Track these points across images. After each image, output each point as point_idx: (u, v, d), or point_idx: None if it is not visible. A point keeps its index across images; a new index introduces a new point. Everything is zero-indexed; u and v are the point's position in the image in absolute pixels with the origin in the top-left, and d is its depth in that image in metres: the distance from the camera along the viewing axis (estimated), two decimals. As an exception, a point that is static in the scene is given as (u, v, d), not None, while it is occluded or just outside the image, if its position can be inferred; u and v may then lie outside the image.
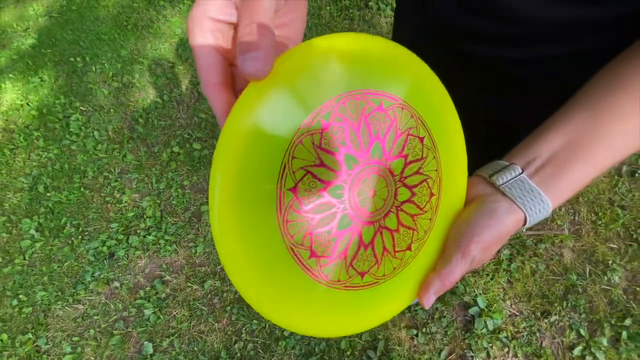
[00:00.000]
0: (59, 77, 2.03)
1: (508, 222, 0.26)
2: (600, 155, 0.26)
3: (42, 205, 1.55)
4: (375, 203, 0.24)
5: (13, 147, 1.79)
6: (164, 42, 2.03)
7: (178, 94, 1.79)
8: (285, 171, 0.22)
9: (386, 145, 0.24)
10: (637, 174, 1.24)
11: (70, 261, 1.39)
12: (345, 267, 0.24)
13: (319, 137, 0.22)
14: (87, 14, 2.33)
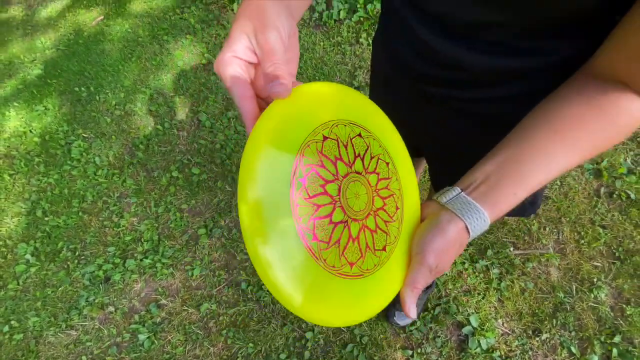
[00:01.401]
0: (63, 105, 2.10)
1: (451, 230, 0.31)
2: (523, 178, 0.32)
3: (39, 230, 1.56)
4: (359, 204, 0.30)
5: (13, 172, 1.82)
6: (166, 73, 2.13)
7: (178, 121, 1.87)
8: (298, 166, 0.28)
9: (364, 162, 0.32)
10: (615, 195, 1.31)
11: (65, 286, 1.38)
12: (338, 255, 0.29)
13: (320, 145, 0.29)
14: (93, 47, 2.46)
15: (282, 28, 0.29)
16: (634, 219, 1.25)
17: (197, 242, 1.43)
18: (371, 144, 0.33)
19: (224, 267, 1.36)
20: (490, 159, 0.34)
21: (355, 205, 0.30)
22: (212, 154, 1.69)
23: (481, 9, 0.34)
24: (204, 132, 1.78)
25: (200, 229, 1.46)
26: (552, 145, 0.32)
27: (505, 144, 0.34)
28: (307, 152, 0.28)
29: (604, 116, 0.32)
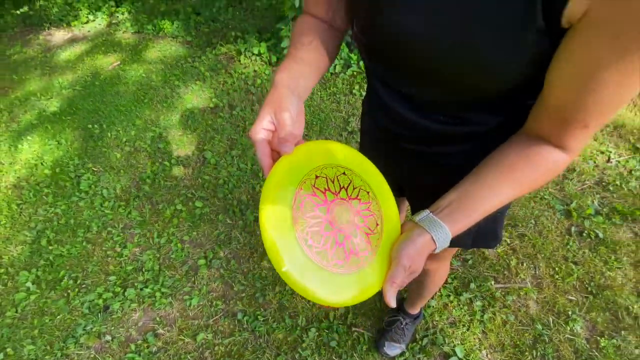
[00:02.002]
0: (76, 140, 2.24)
1: (421, 240, 0.42)
2: (475, 206, 0.44)
3: (42, 258, 1.61)
4: (343, 221, 0.43)
5: (21, 202, 1.90)
6: (176, 114, 2.31)
7: (185, 158, 2.01)
8: (297, 195, 0.41)
9: (348, 192, 0.45)
10: (584, 233, 1.44)
11: (63, 314, 1.41)
12: (327, 255, 0.40)
13: (313, 181, 0.43)
14: (108, 89, 2.66)
15: (292, 110, 0.44)
16: (603, 256, 1.37)
17: (196, 272, 1.49)
18: (353, 179, 0.46)
19: (221, 298, 1.41)
20: (453, 191, 0.46)
21: (340, 221, 0.43)
22: (215, 188, 1.81)
23: (432, 91, 0.49)
24: (208, 168, 1.91)
25: (200, 259, 1.53)
26: (495, 184, 0.45)
27: (464, 182, 0.47)
28: (304, 186, 0.42)
29: (530, 164, 0.45)
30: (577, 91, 0.36)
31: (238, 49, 2.70)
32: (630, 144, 1.76)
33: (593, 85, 0.35)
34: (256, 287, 1.42)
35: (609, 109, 0.37)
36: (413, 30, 0.41)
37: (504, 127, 0.50)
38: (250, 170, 1.88)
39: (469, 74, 0.41)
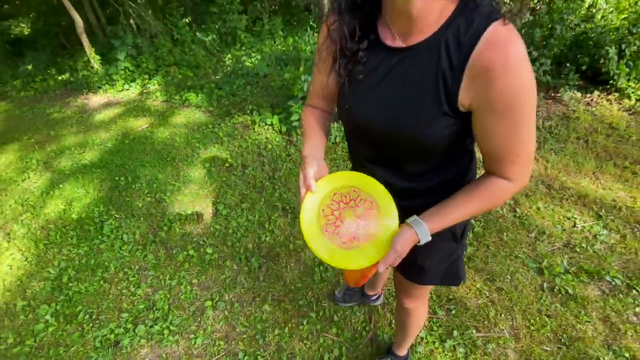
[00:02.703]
0: (102, 190, 2.50)
1: (408, 233, 0.63)
2: (446, 215, 0.66)
3: (62, 294, 1.74)
4: (351, 219, 0.67)
5: (47, 242, 2.09)
6: (195, 171, 2.61)
7: (200, 209, 2.24)
8: (320, 207, 0.67)
9: (356, 201, 0.68)
10: (556, 289, 1.59)
11: (77, 346, 1.50)
12: (339, 239, 0.64)
13: (331, 196, 0.68)
14: (136, 147, 3.02)
15: (314, 167, 0.69)
16: (573, 311, 1.50)
17: (202, 313, 1.62)
18: (361, 193, 0.69)
19: (224, 338, 1.52)
20: (435, 206, 0.68)
21: (348, 219, 0.67)
22: (224, 237, 2.01)
23: (387, 154, 0.73)
24: (220, 219, 2.14)
25: (207, 301, 1.66)
26: (462, 202, 0.67)
27: (444, 200, 0.68)
28: (324, 200, 0.68)
29: (485, 189, 0.66)
30: (496, 145, 0.60)
31: (253, 119, 3.13)
32: (594, 211, 2.01)
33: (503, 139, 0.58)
34: (257, 329, 1.54)
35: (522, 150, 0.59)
36: (369, 115, 0.67)
37: (447, 184, 0.74)
38: (257, 221, 2.10)
39: (409, 140, 0.65)
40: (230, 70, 4.49)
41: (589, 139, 2.67)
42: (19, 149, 3.31)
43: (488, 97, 0.54)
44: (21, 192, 2.61)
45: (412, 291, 1.01)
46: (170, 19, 5.48)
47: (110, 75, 4.60)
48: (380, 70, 0.64)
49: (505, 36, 0.53)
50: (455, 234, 0.84)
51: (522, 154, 0.59)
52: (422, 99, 0.60)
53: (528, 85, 0.53)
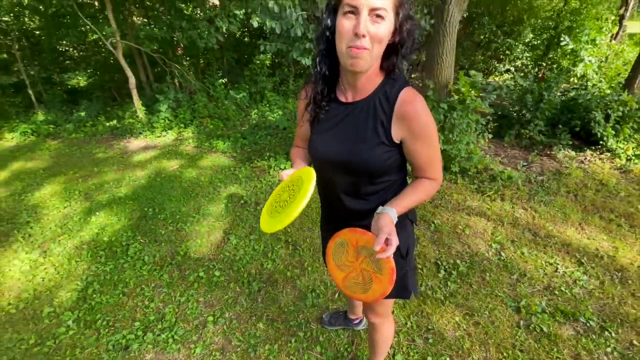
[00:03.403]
0: (132, 219, 2.86)
1: (385, 216, 0.83)
2: (402, 201, 0.89)
3: (86, 303, 1.99)
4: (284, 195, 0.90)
5: (79, 259, 2.39)
6: (214, 206, 2.95)
7: (214, 239, 2.52)
8: (274, 200, 0.93)
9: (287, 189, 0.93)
10: (531, 327, 1.68)
11: (91, 348, 1.71)
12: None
13: (277, 194, 0.93)
14: (165, 184, 3.43)
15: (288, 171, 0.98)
16: (545, 348, 1.57)
17: (204, 326, 1.81)
18: (293, 180, 0.91)
19: (220, 350, 1.69)
20: (392, 199, 0.92)
21: (283, 196, 0.89)
22: (232, 263, 2.25)
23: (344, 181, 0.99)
24: (230, 247, 2.39)
25: (209, 317, 1.86)
26: (409, 193, 0.92)
27: (396, 196, 0.93)
28: (274, 196, 0.92)
29: (420, 185, 0.93)
30: (419, 160, 0.89)
31: (270, 164, 3.52)
32: (576, 259, 2.11)
33: (424, 156, 0.88)
34: (250, 344, 1.70)
35: (435, 161, 0.90)
36: (329, 147, 0.95)
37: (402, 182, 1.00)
38: (262, 251, 2.34)
39: (358, 168, 0.92)
40: (255, 123, 5.07)
41: (578, 193, 2.82)
42: (64, 181, 3.81)
43: (410, 132, 0.86)
44: (62, 217, 3.00)
45: (375, 307, 1.18)
46: (208, 79, 6.33)
47: (152, 123, 5.28)
48: (337, 117, 0.94)
49: (412, 96, 0.85)
50: (402, 252, 1.03)
51: (435, 163, 0.92)
52: (365, 134, 0.89)
53: (430, 122, 0.86)
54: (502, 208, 2.71)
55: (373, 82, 0.88)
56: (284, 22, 2.41)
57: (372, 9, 0.74)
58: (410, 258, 1.09)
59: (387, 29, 0.78)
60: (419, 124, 0.85)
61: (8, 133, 5.82)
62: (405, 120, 0.85)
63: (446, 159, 3.25)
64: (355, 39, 0.76)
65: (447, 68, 3.21)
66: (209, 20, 5.76)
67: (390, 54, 0.85)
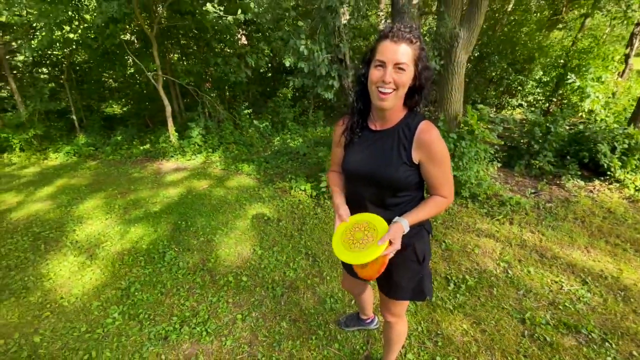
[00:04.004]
0: (167, 230, 3.15)
1: (396, 224, 1.06)
2: (418, 214, 1.11)
3: (129, 299, 2.24)
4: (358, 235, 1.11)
5: (121, 263, 2.67)
6: (240, 222, 3.22)
7: (240, 250, 2.76)
8: (344, 232, 1.14)
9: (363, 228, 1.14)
10: (535, 336, 1.79)
11: (136, 337, 1.94)
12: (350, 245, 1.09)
13: (352, 225, 1.15)
14: (196, 201, 3.75)
15: (345, 210, 1.19)
16: (548, 354, 1.69)
17: (234, 323, 2.01)
18: (367, 223, 1.14)
19: (248, 343, 1.88)
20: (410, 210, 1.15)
21: (356, 235, 1.11)
22: (257, 270, 2.47)
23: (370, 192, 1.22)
24: (255, 257, 2.63)
25: (238, 315, 2.06)
26: (422, 209, 1.13)
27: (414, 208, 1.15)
28: (347, 227, 1.15)
29: (433, 202, 1.15)
30: (434, 180, 1.11)
31: (290, 185, 3.81)
32: (581, 278, 2.23)
33: (439, 176, 1.10)
34: (275, 339, 1.88)
35: (447, 181, 1.11)
36: (360, 165, 1.20)
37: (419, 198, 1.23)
38: (284, 261, 2.56)
39: (384, 181, 1.16)
40: (277, 149, 5.44)
41: (585, 220, 2.95)
42: (104, 196, 4.19)
43: (426, 156, 1.08)
44: (104, 227, 3.33)
45: (392, 307, 1.35)
46: (235, 109, 6.87)
47: (183, 147, 5.75)
48: (367, 141, 1.18)
49: (429, 127, 1.08)
50: (419, 258, 1.22)
51: (446, 183, 1.12)
52: (390, 155, 1.11)
53: (443, 149, 1.07)
54: (510, 231, 2.86)
55: (397, 115, 1.12)
56: (311, 62, 2.80)
57: (396, 63, 0.99)
58: (426, 264, 1.26)
59: (407, 77, 1.02)
60: (433, 150, 1.06)
61: (53, 153, 6.41)
62: (422, 146, 1.07)
63: (457, 184, 3.46)
64: (383, 84, 1.01)
65: (456, 102, 3.51)
66: (239, 56, 6.38)
67: (412, 94, 1.10)
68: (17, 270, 2.66)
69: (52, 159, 6.28)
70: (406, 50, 0.99)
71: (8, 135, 6.61)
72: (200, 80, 6.98)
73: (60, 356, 1.85)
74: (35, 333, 2.01)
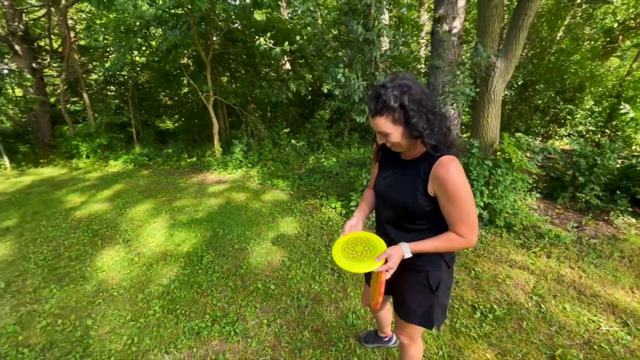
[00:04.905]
0: (206, 236, 3.41)
1: (397, 247, 1.14)
2: (423, 246, 1.17)
3: (169, 295, 2.46)
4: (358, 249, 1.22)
5: (164, 263, 2.93)
6: (272, 233, 3.39)
7: (270, 259, 2.92)
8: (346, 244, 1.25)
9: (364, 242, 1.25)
10: None
11: (172, 329, 2.12)
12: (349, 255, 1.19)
13: (353, 240, 1.27)
14: (234, 212, 4.01)
15: (353, 221, 1.32)
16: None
17: (260, 327, 2.13)
18: (368, 240, 1.24)
19: (271, 347, 1.98)
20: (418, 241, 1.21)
21: (357, 248, 1.22)
22: (285, 280, 2.59)
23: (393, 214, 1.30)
24: (283, 267, 2.76)
25: (264, 320, 2.19)
26: (431, 240, 1.18)
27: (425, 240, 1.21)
28: (348, 241, 1.26)
29: (446, 237, 1.18)
30: (449, 215, 1.14)
31: (321, 203, 3.95)
32: (622, 319, 2.08)
33: (452, 212, 1.13)
34: (296, 346, 1.97)
35: (463, 219, 1.12)
36: (383, 188, 1.30)
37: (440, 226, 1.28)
38: (310, 274, 2.66)
39: (400, 208, 1.24)
40: (311, 167, 5.66)
41: (634, 259, 2.75)
42: (153, 202, 4.61)
43: (440, 190, 1.10)
44: (151, 230, 3.66)
45: (404, 328, 1.38)
46: (275, 129, 7.27)
47: (226, 162, 6.17)
48: (396, 167, 1.25)
49: (447, 161, 1.08)
50: (431, 286, 1.25)
51: (462, 222, 1.10)
52: (410, 185, 1.17)
53: (459, 185, 1.06)
54: (547, 264, 2.74)
55: (419, 150, 1.17)
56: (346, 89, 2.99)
57: (378, 131, 1.12)
58: (439, 294, 1.27)
59: (395, 137, 1.10)
60: (447, 185, 1.06)
61: (113, 161, 7.15)
62: (436, 180, 1.08)
63: (491, 213, 3.39)
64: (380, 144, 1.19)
65: (492, 130, 3.50)
66: (282, 81, 6.82)
67: None
68: (77, 261, 3.02)
69: (111, 166, 7.01)
70: (379, 121, 1.09)
71: (78, 143, 7.51)
72: (246, 101, 7.52)
73: (107, 339, 2.08)
74: (88, 317, 2.28)
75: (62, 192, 5.18)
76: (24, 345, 2.05)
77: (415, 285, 1.28)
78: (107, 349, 2.00)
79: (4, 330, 2.17)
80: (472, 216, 1.10)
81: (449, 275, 1.30)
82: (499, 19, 3.15)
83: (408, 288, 1.30)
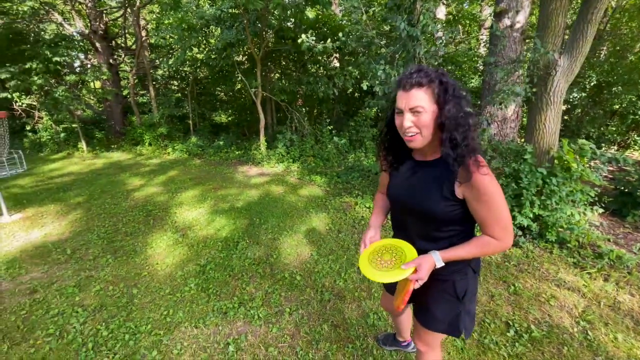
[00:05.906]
0: (243, 224, 3.58)
1: (428, 256, 1.07)
2: (455, 253, 1.08)
3: (204, 275, 2.64)
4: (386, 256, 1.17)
5: (203, 245, 3.15)
6: (304, 227, 3.46)
7: (299, 252, 2.98)
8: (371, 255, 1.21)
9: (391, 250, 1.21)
10: None
11: (203, 306, 2.28)
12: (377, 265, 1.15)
13: (379, 248, 1.22)
14: (271, 203, 4.16)
15: (371, 233, 1.26)
16: None
17: (282, 315, 2.20)
18: (395, 247, 1.20)
19: (290, 335, 2.04)
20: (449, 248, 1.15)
21: (384, 256, 1.18)
22: (311, 273, 2.64)
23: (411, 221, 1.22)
24: (311, 260, 2.81)
25: (287, 308, 2.25)
26: (464, 246, 1.12)
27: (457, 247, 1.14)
28: (374, 250, 1.22)
29: (480, 241, 1.12)
30: (481, 218, 1.07)
31: (356, 201, 3.93)
32: (691, 362, 1.78)
33: (485, 215, 1.06)
34: (314, 337, 2.01)
35: (497, 221, 1.04)
36: (399, 194, 1.24)
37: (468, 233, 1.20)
38: (337, 270, 2.67)
39: (422, 214, 1.18)
40: (350, 166, 5.64)
41: None
42: (201, 189, 4.94)
43: (471, 193, 1.03)
44: (197, 214, 3.95)
45: (423, 335, 1.32)
46: (318, 126, 7.36)
47: (269, 156, 6.40)
48: (410, 170, 1.18)
49: (479, 162, 1.01)
50: (458, 294, 1.19)
51: (495, 224, 1.04)
52: (431, 189, 1.09)
53: (490, 186, 1.00)
54: (602, 288, 2.45)
55: (437, 149, 1.09)
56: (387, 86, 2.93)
57: (410, 108, 1.01)
58: (467, 302, 1.21)
59: (427, 118, 1.00)
60: (481, 187, 0.99)
61: (171, 149, 7.79)
62: (469, 183, 1.00)
63: (542, 226, 3.10)
64: (405, 130, 1.03)
65: (550, 135, 3.18)
66: (329, 77, 6.87)
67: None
68: (131, 237, 3.36)
69: (169, 154, 7.64)
70: (417, 94, 0.99)
71: (143, 132, 8.31)
72: (294, 97, 7.70)
73: (147, 308, 2.30)
74: (134, 286, 2.53)
75: (126, 175, 5.78)
76: (79, 305, 2.35)
77: (441, 294, 1.21)
78: (146, 316, 2.21)
79: (64, 290, 2.51)
80: (505, 216, 1.03)
81: (475, 282, 1.23)
82: (564, 12, 2.85)
83: (433, 297, 1.23)
